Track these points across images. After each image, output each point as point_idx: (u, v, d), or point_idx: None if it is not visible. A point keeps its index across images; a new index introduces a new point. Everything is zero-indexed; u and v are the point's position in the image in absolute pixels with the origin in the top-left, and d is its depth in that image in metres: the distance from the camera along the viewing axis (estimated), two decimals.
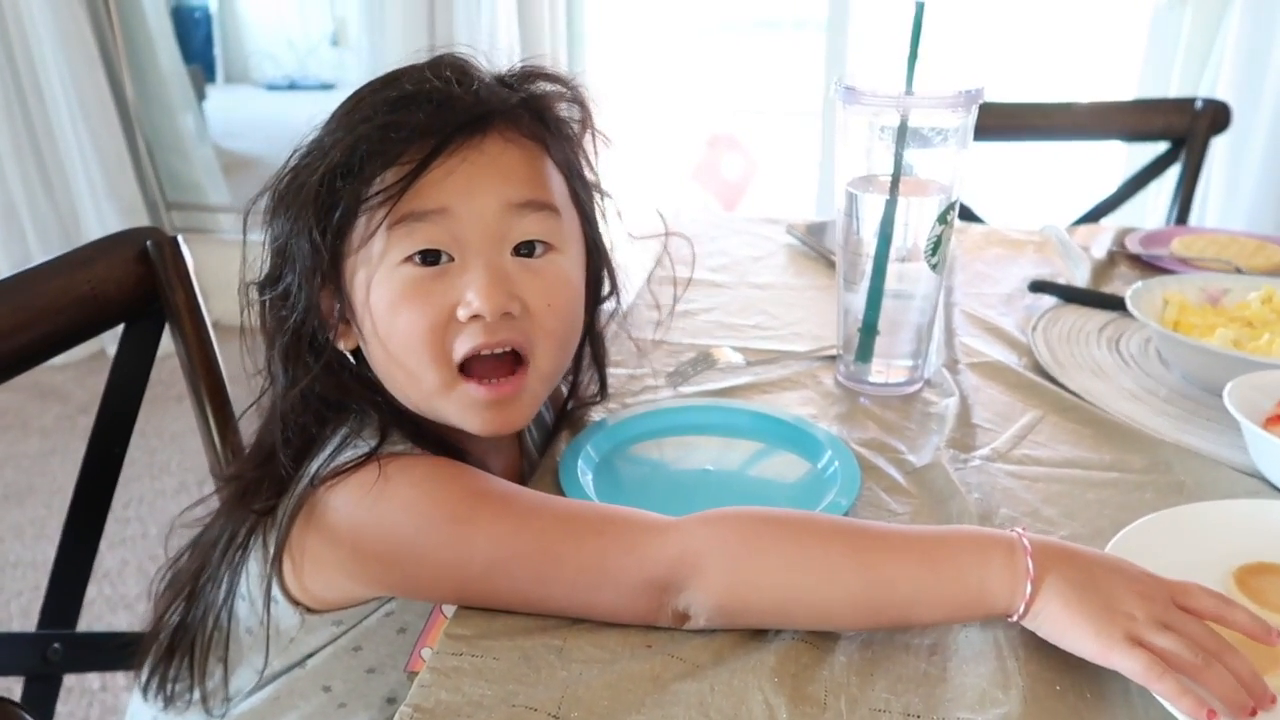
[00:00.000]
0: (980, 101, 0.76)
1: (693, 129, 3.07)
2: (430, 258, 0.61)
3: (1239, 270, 1.09)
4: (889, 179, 0.78)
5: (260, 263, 0.66)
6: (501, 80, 0.65)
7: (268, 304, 0.65)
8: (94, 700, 1.61)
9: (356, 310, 0.62)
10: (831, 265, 1.15)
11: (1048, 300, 1.03)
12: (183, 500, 2.16)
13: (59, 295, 0.82)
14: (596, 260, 0.71)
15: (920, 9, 0.76)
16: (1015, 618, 0.52)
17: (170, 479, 2.23)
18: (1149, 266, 1.14)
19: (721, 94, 3.26)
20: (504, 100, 0.63)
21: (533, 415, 0.67)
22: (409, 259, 0.60)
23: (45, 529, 2.06)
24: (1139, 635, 0.48)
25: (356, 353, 0.66)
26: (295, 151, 0.64)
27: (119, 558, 1.94)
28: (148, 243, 0.87)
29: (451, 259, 0.61)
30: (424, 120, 0.59)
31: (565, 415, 0.79)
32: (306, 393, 0.63)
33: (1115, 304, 0.97)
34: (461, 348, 0.61)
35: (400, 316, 0.61)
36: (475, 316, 0.60)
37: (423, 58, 0.65)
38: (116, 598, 1.85)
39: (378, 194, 0.59)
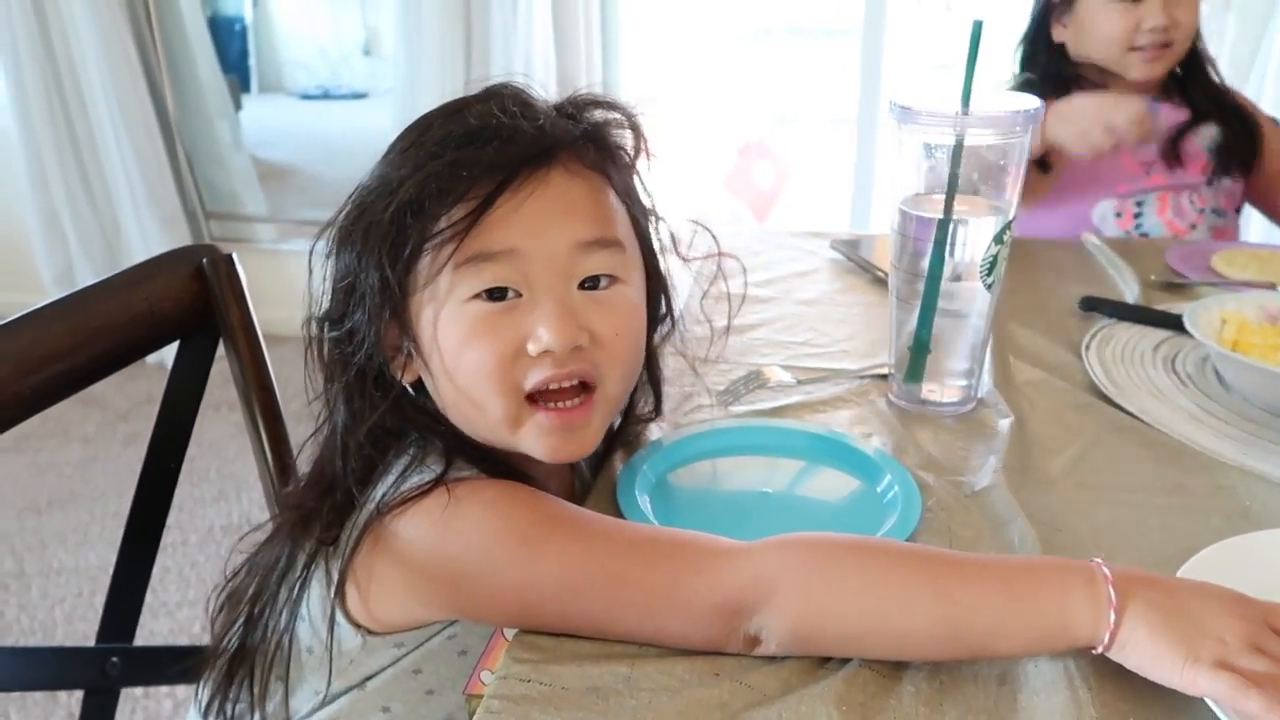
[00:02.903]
0: (1038, 121, 0.76)
1: (725, 137, 3.06)
2: (498, 294, 0.61)
3: (1274, 287, 1.07)
4: (944, 198, 0.78)
5: (321, 296, 0.66)
6: (561, 111, 0.65)
7: (331, 341, 0.65)
8: (137, 706, 1.63)
9: (424, 346, 0.63)
10: (877, 281, 1.14)
11: (1098, 316, 1.02)
12: (222, 508, 2.19)
13: (117, 312, 0.83)
14: (655, 284, 0.71)
15: (978, 27, 0.75)
16: (1100, 649, 0.51)
17: (210, 486, 2.26)
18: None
19: (754, 102, 3.25)
20: (568, 132, 0.63)
21: (599, 441, 0.67)
22: (477, 295, 0.61)
23: (88, 535, 2.09)
24: (1229, 660, 0.47)
25: (416, 384, 0.67)
26: (359, 186, 0.64)
27: (159, 564, 1.93)
28: (203, 260, 0.88)
29: (519, 294, 0.61)
30: (492, 155, 0.60)
31: (617, 434, 0.79)
32: (371, 426, 0.63)
33: (1170, 322, 0.96)
34: (531, 380, 0.61)
35: (469, 351, 0.61)
36: (546, 351, 0.60)
37: (480, 88, 0.65)
38: (158, 604, 1.87)
39: (445, 230, 0.60)
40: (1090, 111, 1.27)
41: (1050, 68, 1.45)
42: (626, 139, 0.67)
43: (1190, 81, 1.45)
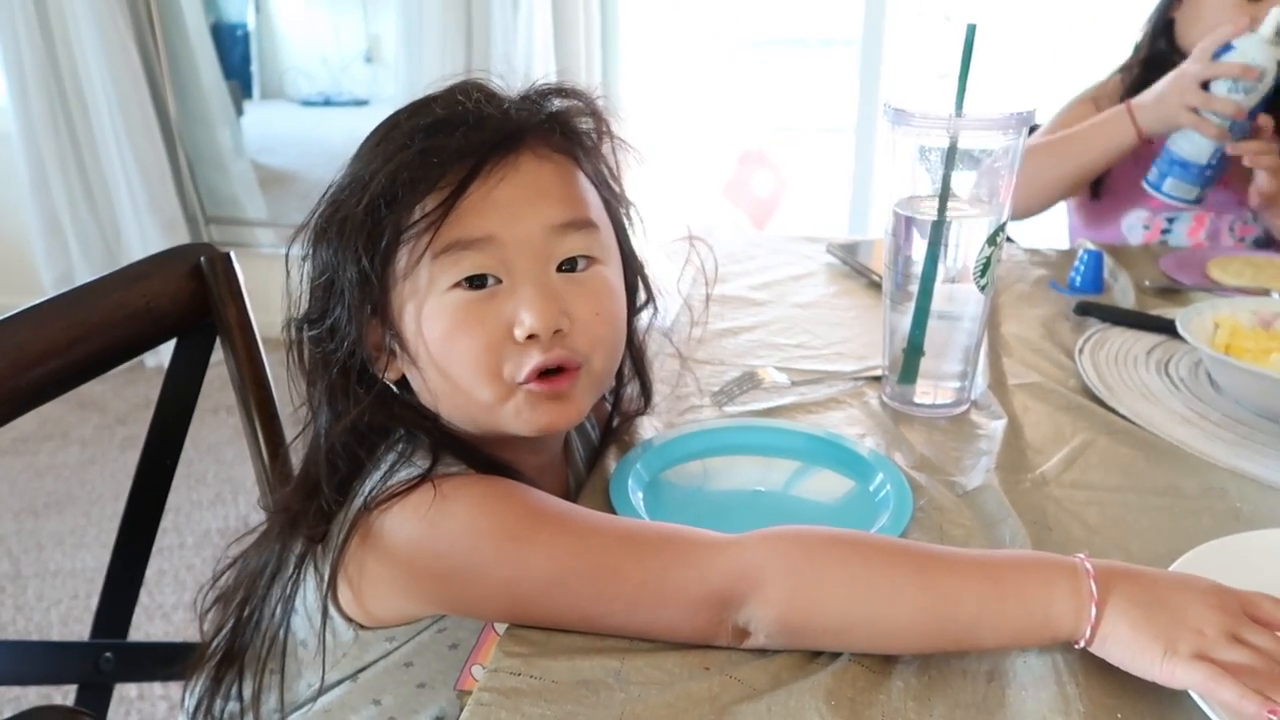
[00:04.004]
0: (1031, 124, 0.76)
1: (725, 146, 3.07)
2: (478, 281, 0.61)
3: (1268, 293, 1.08)
4: (937, 200, 0.78)
5: (300, 297, 0.66)
6: (524, 99, 0.66)
7: (312, 340, 0.65)
8: (131, 708, 1.63)
9: (408, 340, 0.63)
10: (873, 285, 1.15)
11: (1092, 321, 1.03)
12: (219, 511, 2.19)
13: (115, 309, 0.83)
14: (630, 269, 0.72)
15: (972, 31, 0.76)
16: (1082, 643, 0.51)
17: (207, 490, 2.26)
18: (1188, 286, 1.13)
19: (754, 111, 3.27)
20: (534, 116, 0.64)
21: (584, 414, 0.67)
22: (457, 284, 0.61)
23: (84, 538, 2.09)
24: (1207, 652, 0.48)
25: (399, 380, 0.67)
26: (331, 186, 0.65)
27: (155, 567, 1.96)
28: (201, 258, 0.88)
29: (499, 281, 0.62)
30: (460, 142, 0.60)
31: (611, 431, 0.79)
32: (356, 422, 0.64)
33: (1164, 326, 0.96)
34: (519, 368, 0.61)
35: (455, 342, 0.61)
36: (531, 335, 0.60)
37: (444, 85, 0.66)
38: (154, 606, 1.87)
39: (420, 221, 0.60)
40: (1169, 92, 1.19)
41: (1158, 45, 1.36)
42: (590, 125, 0.68)
43: None
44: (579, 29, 2.52)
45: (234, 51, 4.45)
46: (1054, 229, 1.60)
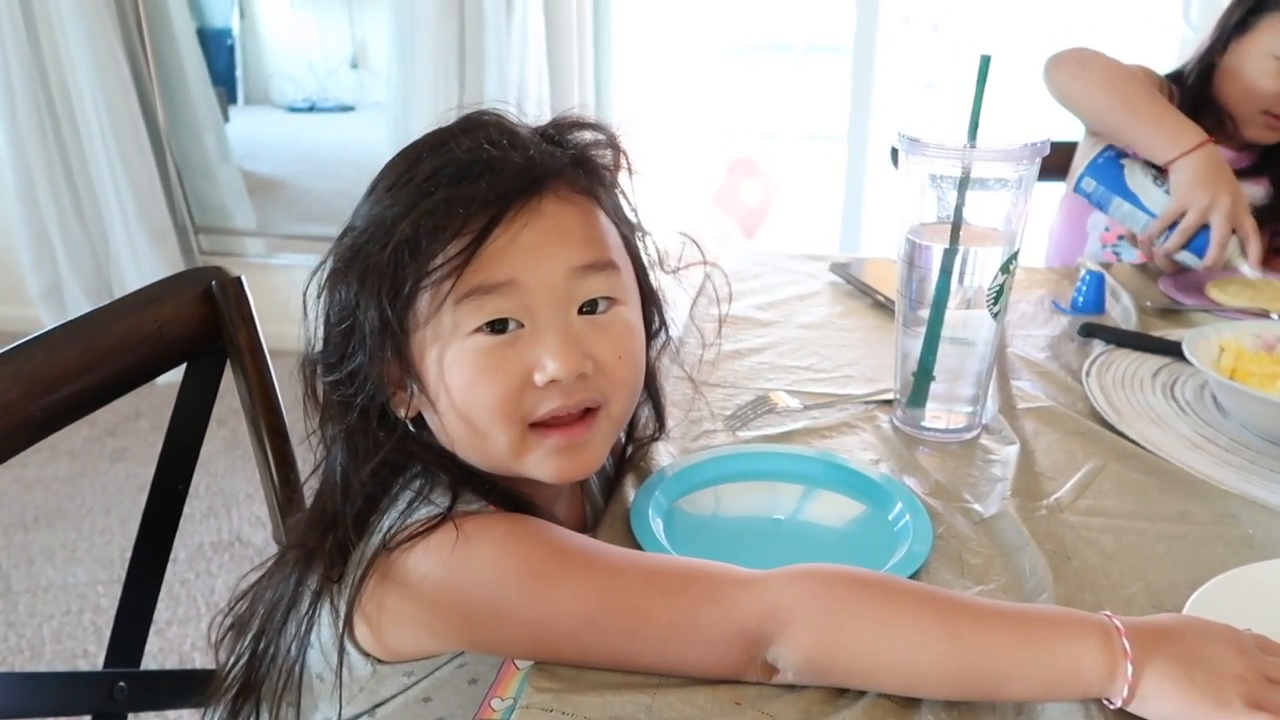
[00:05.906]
0: (1045, 154, 0.77)
1: (714, 154, 3.08)
2: (499, 326, 0.61)
3: (1268, 314, 1.09)
4: (950, 227, 0.79)
5: (315, 333, 0.65)
6: (545, 136, 0.65)
7: (330, 385, 0.64)
8: None
9: (429, 385, 0.62)
10: (877, 305, 1.16)
11: (1097, 342, 1.03)
12: (211, 525, 2.17)
13: (128, 334, 0.83)
14: (648, 301, 0.72)
15: (986, 61, 0.76)
16: (1119, 702, 0.51)
17: (199, 503, 2.24)
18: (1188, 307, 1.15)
19: (743, 119, 3.28)
20: (556, 159, 0.63)
21: (603, 458, 0.67)
22: (479, 329, 0.61)
23: (75, 552, 2.07)
24: (1256, 699, 0.49)
25: (415, 418, 0.66)
26: (349, 228, 0.64)
27: None
28: (212, 282, 0.88)
29: (521, 325, 0.61)
30: (485, 190, 0.60)
31: (626, 459, 0.80)
32: (377, 467, 0.63)
33: (1168, 349, 0.97)
34: (539, 412, 0.61)
35: (477, 388, 0.61)
36: (552, 381, 0.60)
37: (458, 118, 0.65)
38: None
39: (442, 266, 0.60)
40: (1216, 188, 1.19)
41: (1197, 81, 1.39)
42: (609, 158, 0.67)
43: None
44: (572, 34, 2.51)
45: (219, 57, 4.43)
46: (1037, 241, 1.61)
